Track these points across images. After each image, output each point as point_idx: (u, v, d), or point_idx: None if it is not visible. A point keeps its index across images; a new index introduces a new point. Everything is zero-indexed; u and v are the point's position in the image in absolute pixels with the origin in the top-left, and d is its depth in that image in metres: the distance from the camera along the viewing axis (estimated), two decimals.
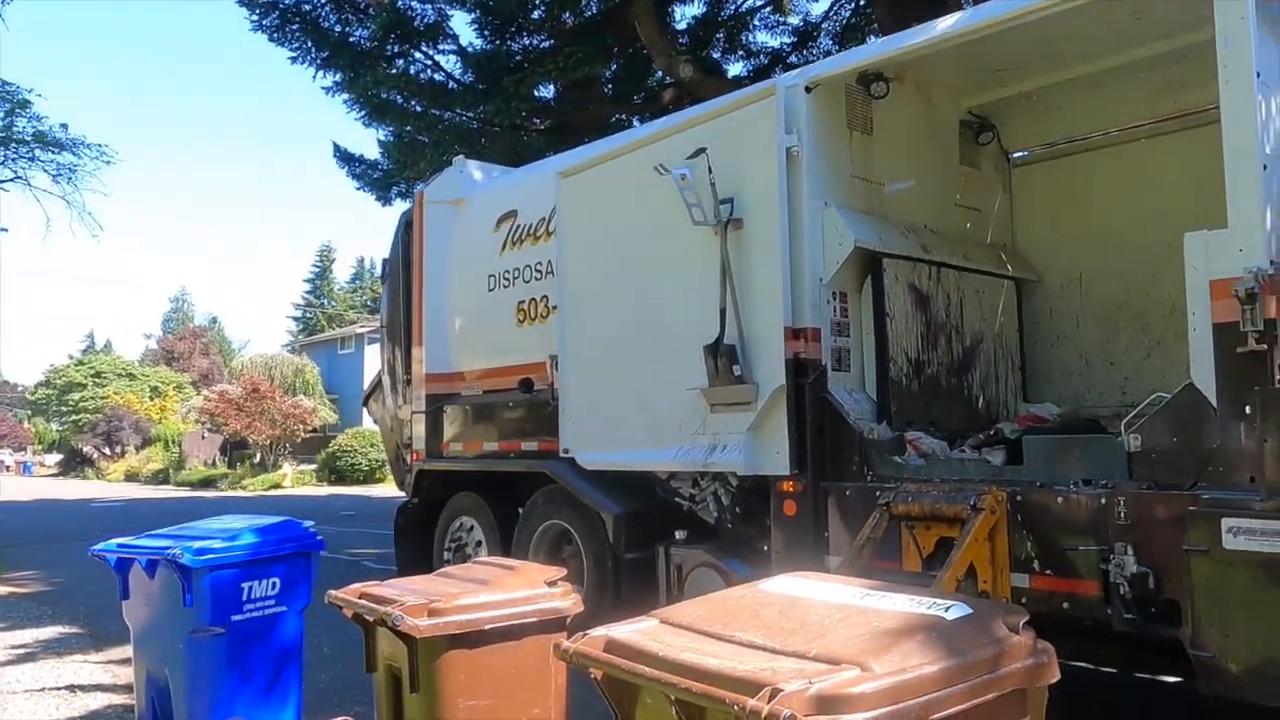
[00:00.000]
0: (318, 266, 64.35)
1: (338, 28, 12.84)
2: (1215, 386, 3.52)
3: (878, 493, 4.29)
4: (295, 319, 63.59)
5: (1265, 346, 3.37)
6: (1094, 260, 5.78)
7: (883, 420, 4.86)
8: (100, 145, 22.03)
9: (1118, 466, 3.89)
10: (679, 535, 5.39)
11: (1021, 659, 1.60)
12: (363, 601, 3.04)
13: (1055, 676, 1.66)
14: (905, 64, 5.15)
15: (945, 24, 4.52)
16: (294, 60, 13.01)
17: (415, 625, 2.72)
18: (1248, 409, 3.38)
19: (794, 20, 14.33)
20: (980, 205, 5.99)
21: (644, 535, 5.56)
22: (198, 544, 3.99)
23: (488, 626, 2.81)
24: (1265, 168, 3.55)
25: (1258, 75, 3.56)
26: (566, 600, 3.06)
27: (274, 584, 4.20)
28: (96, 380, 50.89)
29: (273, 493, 26.36)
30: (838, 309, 4.94)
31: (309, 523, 4.49)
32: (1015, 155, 6.20)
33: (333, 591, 3.14)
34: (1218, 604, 3.34)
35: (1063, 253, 5.92)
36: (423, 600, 2.83)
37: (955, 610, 1.64)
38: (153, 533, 4.34)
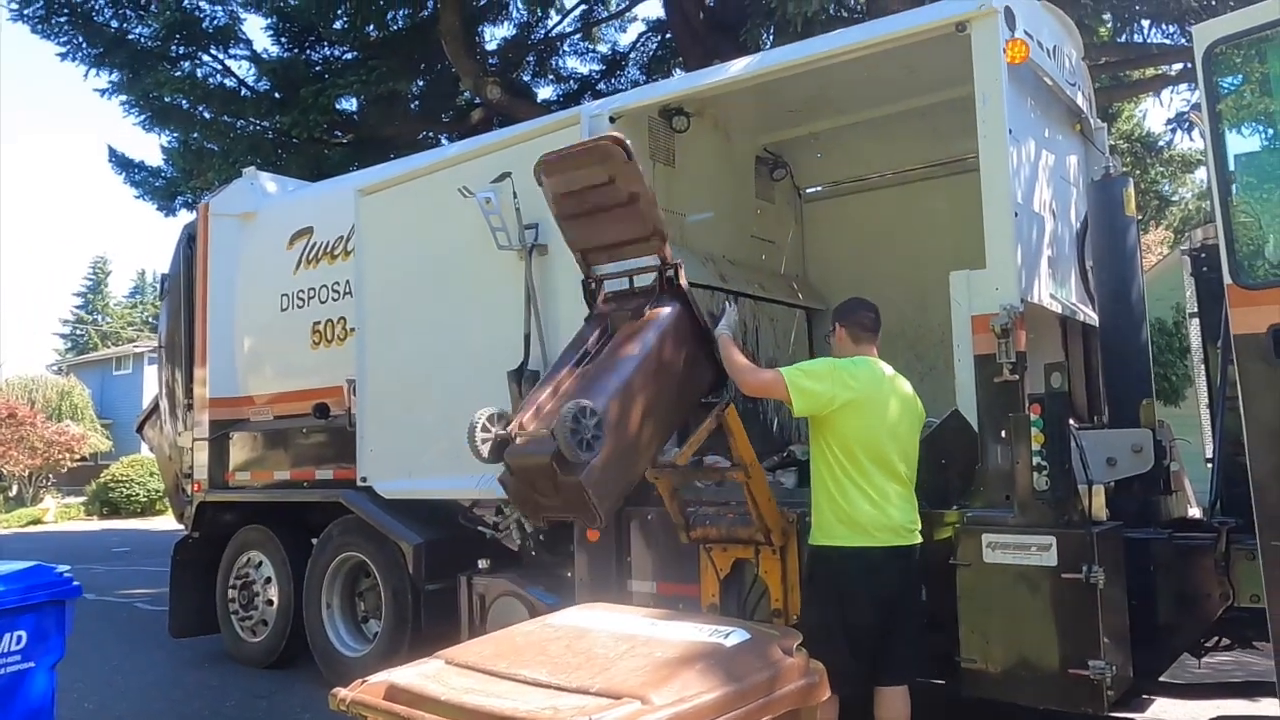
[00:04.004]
0: (91, 280, 58.79)
1: (114, 23, 11.83)
2: (976, 412, 3.85)
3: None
4: (64, 336, 57.72)
5: (1017, 376, 3.73)
6: (874, 291, 6.08)
7: (682, 444, 4.97)
8: None
9: None
10: (481, 564, 5.27)
11: (795, 680, 1.67)
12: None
13: (826, 695, 1.74)
14: (704, 100, 5.34)
15: (739, 66, 4.74)
16: (63, 57, 11.91)
17: None
18: (1003, 433, 3.71)
19: (603, 49, 14.62)
20: (774, 237, 6.29)
21: (445, 565, 5.41)
22: None
23: None
24: (1017, 215, 3.94)
25: (1010, 131, 3.94)
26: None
27: (19, 638, 3.76)
28: None
29: (32, 529, 23.67)
30: None
31: (64, 567, 4.05)
32: (806, 191, 6.56)
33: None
34: (980, 613, 3.63)
35: (848, 283, 6.28)
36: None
37: (734, 636, 1.69)
38: None
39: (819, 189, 6.55)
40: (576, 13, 14.49)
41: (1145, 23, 9.79)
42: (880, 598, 3.48)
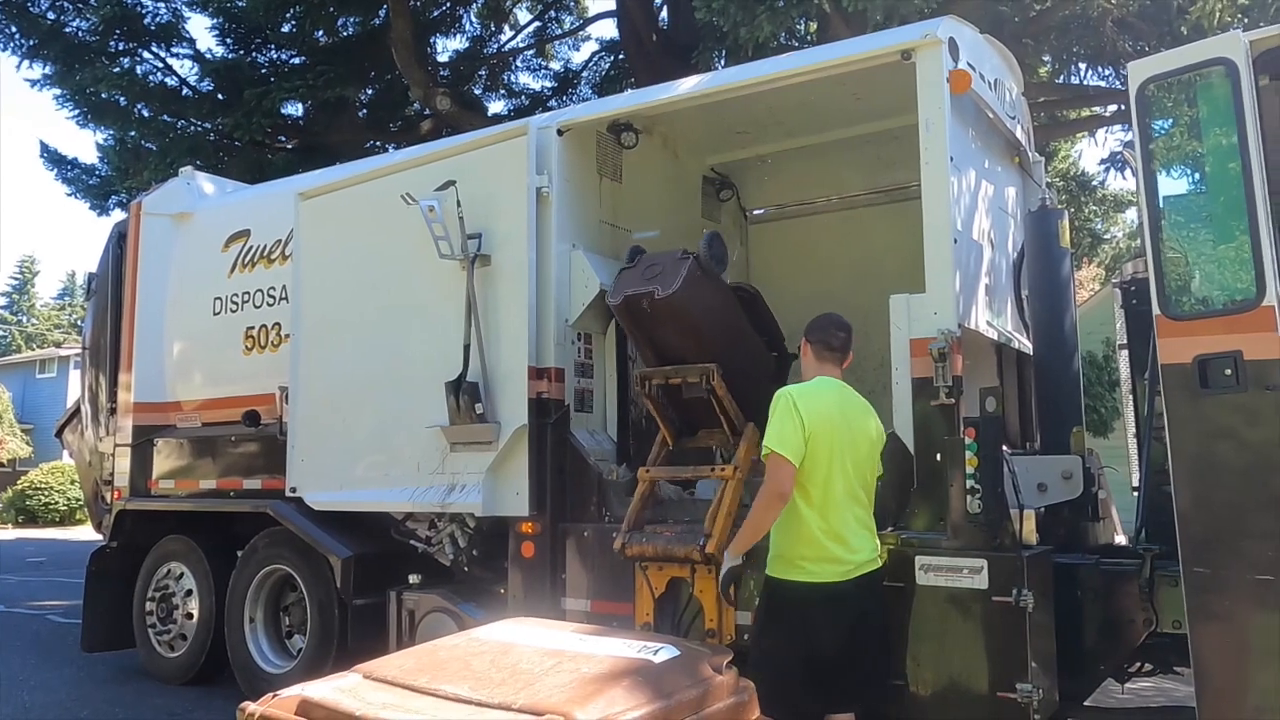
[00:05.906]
0: (16, 279, 56.80)
1: (51, 14, 11.48)
2: (913, 435, 3.88)
3: (614, 534, 4.33)
4: None
5: (953, 400, 3.77)
6: (817, 313, 6.21)
7: (622, 462, 4.93)
8: None
9: None
10: (412, 579, 5.16)
11: (724, 698, 1.64)
12: None
13: (756, 713, 1.71)
14: (653, 118, 5.34)
15: (687, 84, 4.75)
16: None
17: None
18: (938, 456, 3.74)
19: (556, 66, 14.64)
20: None
21: (375, 580, 5.27)
22: None
23: None
24: (956, 241, 3.99)
25: (951, 159, 4.01)
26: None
27: None
28: None
29: None
30: (582, 350, 4.97)
31: None
32: (752, 213, 6.59)
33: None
34: (911, 636, 3.64)
35: (791, 305, 6.30)
36: None
37: (664, 653, 1.65)
38: None
39: (765, 211, 6.57)
40: (530, 29, 14.51)
41: (1082, 65, 10.13)
42: (843, 624, 3.37)
